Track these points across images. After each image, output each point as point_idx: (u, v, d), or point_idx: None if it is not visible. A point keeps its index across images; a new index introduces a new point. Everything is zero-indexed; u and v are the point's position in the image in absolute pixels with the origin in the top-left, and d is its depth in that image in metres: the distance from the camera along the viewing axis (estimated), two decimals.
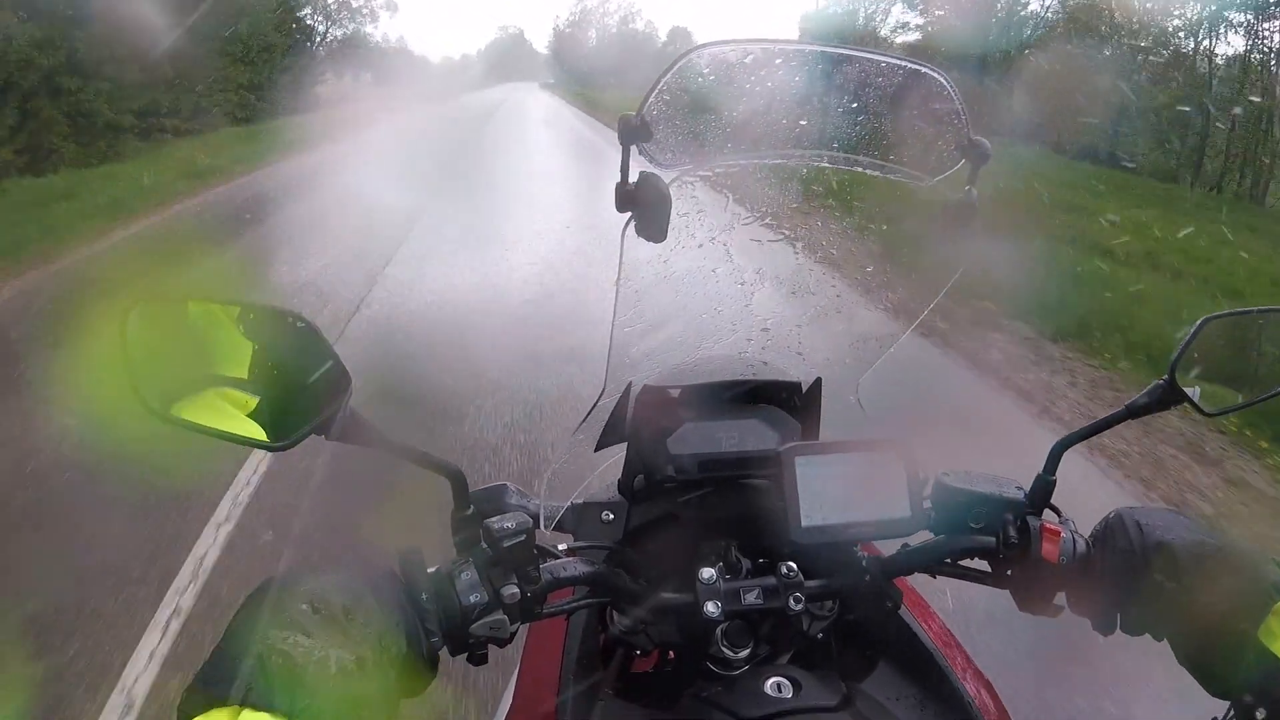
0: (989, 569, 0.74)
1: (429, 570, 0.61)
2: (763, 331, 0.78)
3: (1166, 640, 0.65)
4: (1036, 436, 3.35)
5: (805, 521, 0.68)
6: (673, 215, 0.62)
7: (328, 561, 0.56)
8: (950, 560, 0.75)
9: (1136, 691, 1.80)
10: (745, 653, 0.69)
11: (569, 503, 0.75)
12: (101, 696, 1.92)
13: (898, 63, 0.72)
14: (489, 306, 4.97)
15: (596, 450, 0.77)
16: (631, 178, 0.62)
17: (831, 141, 0.72)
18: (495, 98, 38.76)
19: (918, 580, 0.80)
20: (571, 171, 12.71)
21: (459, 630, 0.60)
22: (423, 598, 0.58)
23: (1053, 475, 0.73)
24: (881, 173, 0.73)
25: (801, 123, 0.72)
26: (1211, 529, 0.66)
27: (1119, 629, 0.67)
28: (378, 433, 0.57)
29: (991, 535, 0.73)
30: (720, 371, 0.77)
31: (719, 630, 0.68)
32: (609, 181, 0.62)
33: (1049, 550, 0.70)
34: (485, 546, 0.62)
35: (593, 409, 0.72)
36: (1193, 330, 0.70)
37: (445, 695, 1.78)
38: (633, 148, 0.62)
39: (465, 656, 0.62)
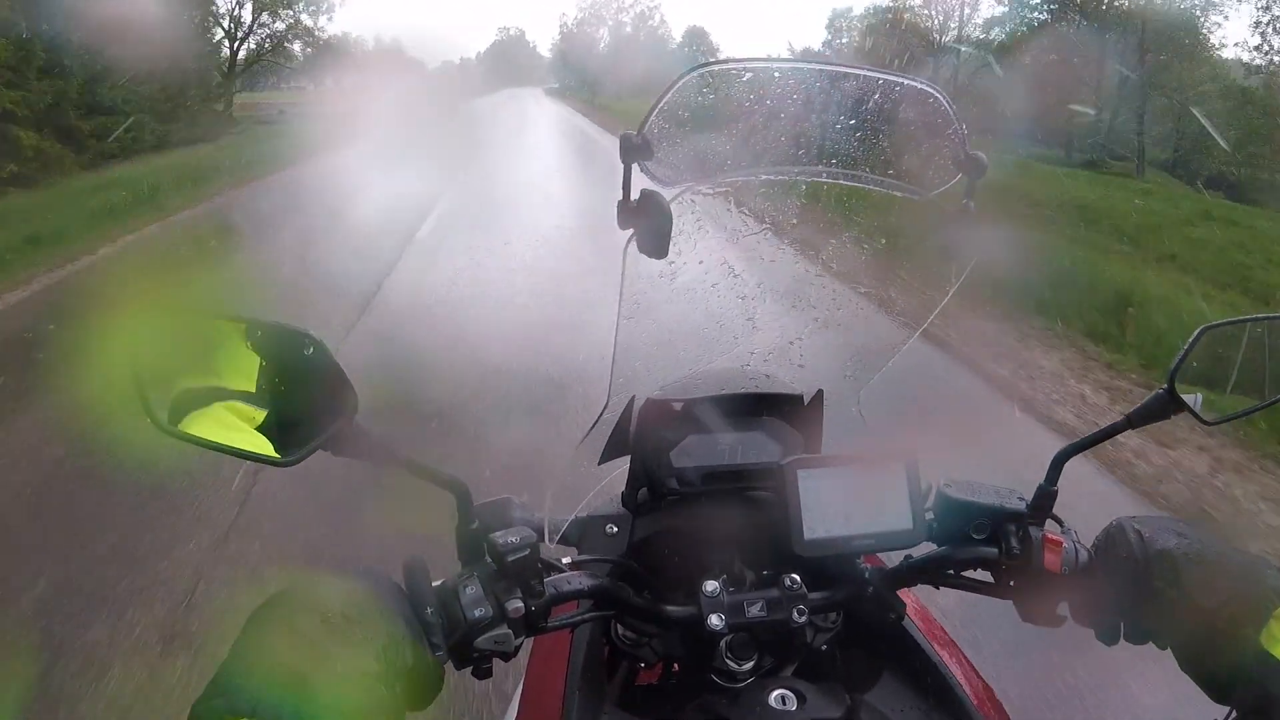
0: (991, 579, 0.74)
1: (434, 584, 0.61)
2: (764, 344, 0.79)
3: (1170, 649, 0.65)
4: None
5: (808, 534, 0.68)
6: (674, 231, 0.63)
7: (334, 574, 0.57)
8: (953, 571, 0.75)
9: (1138, 698, 1.79)
10: (749, 665, 0.69)
11: (573, 516, 0.75)
12: None
13: (894, 79, 0.73)
14: None
15: (600, 464, 0.77)
16: (633, 195, 0.63)
17: (830, 157, 0.74)
18: (492, 104, 36.11)
19: (920, 591, 0.80)
20: None
21: (464, 644, 0.60)
22: (428, 611, 0.58)
23: (1054, 485, 0.73)
24: (880, 188, 0.74)
25: (800, 139, 0.73)
26: (1212, 536, 0.66)
27: (1122, 639, 0.68)
28: (384, 448, 0.57)
29: (994, 546, 0.73)
30: (723, 384, 0.78)
31: (723, 643, 0.68)
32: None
33: (1051, 560, 0.70)
34: (490, 560, 0.63)
35: (596, 423, 0.72)
36: (1191, 340, 0.71)
37: (451, 709, 1.77)
38: (634, 165, 0.63)
39: (470, 670, 0.62)
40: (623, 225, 0.63)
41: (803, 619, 0.69)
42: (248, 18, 23.46)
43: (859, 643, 0.76)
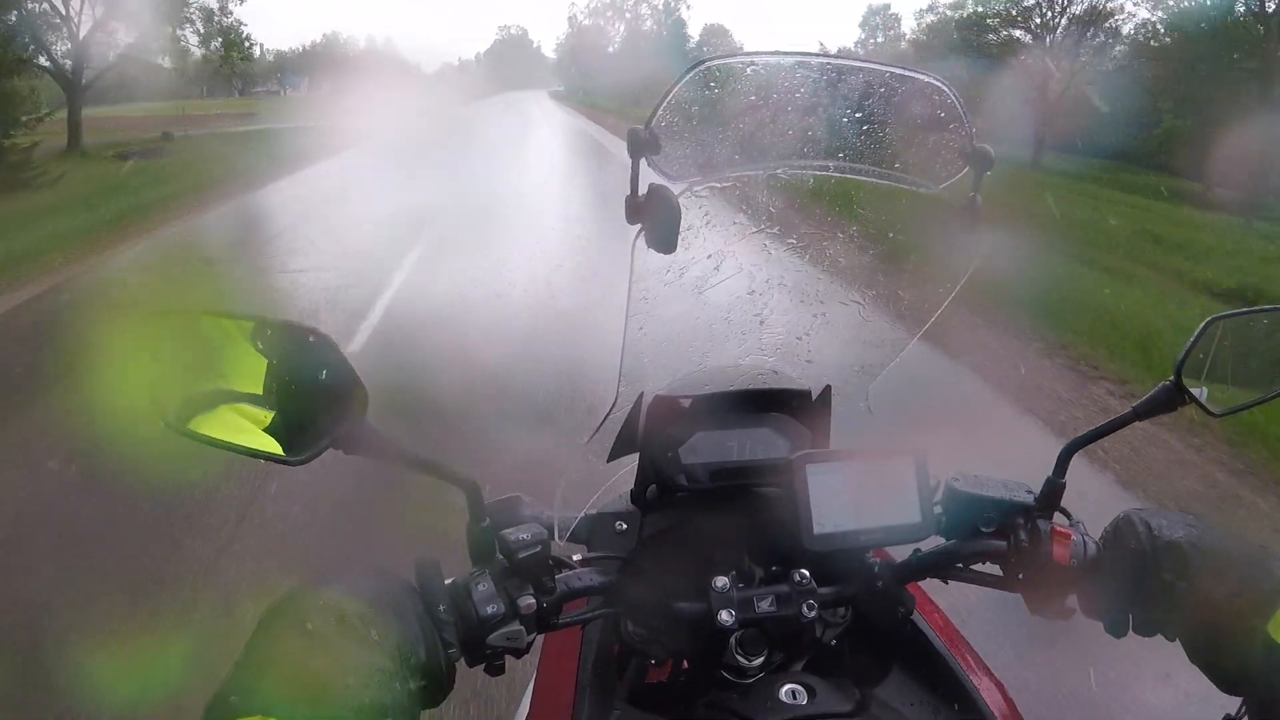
0: (1000, 573, 0.74)
1: (446, 582, 0.61)
2: (772, 340, 0.79)
3: (1179, 641, 0.65)
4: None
5: (817, 529, 0.68)
6: (681, 226, 0.63)
7: (347, 573, 0.57)
8: (961, 565, 0.75)
9: (1148, 689, 1.79)
10: (759, 660, 0.69)
11: (582, 514, 0.75)
12: None
13: (901, 72, 0.73)
14: None
15: (609, 461, 0.77)
16: (641, 190, 0.63)
17: (837, 151, 0.73)
18: (491, 111, 32.43)
19: (929, 584, 0.80)
20: None
21: (476, 641, 0.60)
22: (440, 609, 0.58)
23: (1062, 478, 0.73)
24: (887, 181, 0.74)
25: (808, 133, 0.72)
26: (1220, 528, 0.66)
27: (1131, 631, 0.68)
28: (394, 446, 0.57)
29: (1002, 539, 0.73)
30: (731, 381, 0.78)
31: (733, 638, 0.68)
32: None
33: (1060, 553, 0.70)
34: (501, 558, 0.63)
35: (604, 420, 0.72)
36: (1198, 331, 0.71)
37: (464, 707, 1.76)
38: (642, 160, 0.63)
39: (483, 667, 0.62)
40: (631, 220, 0.63)
41: (812, 614, 0.69)
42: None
43: (868, 637, 0.76)
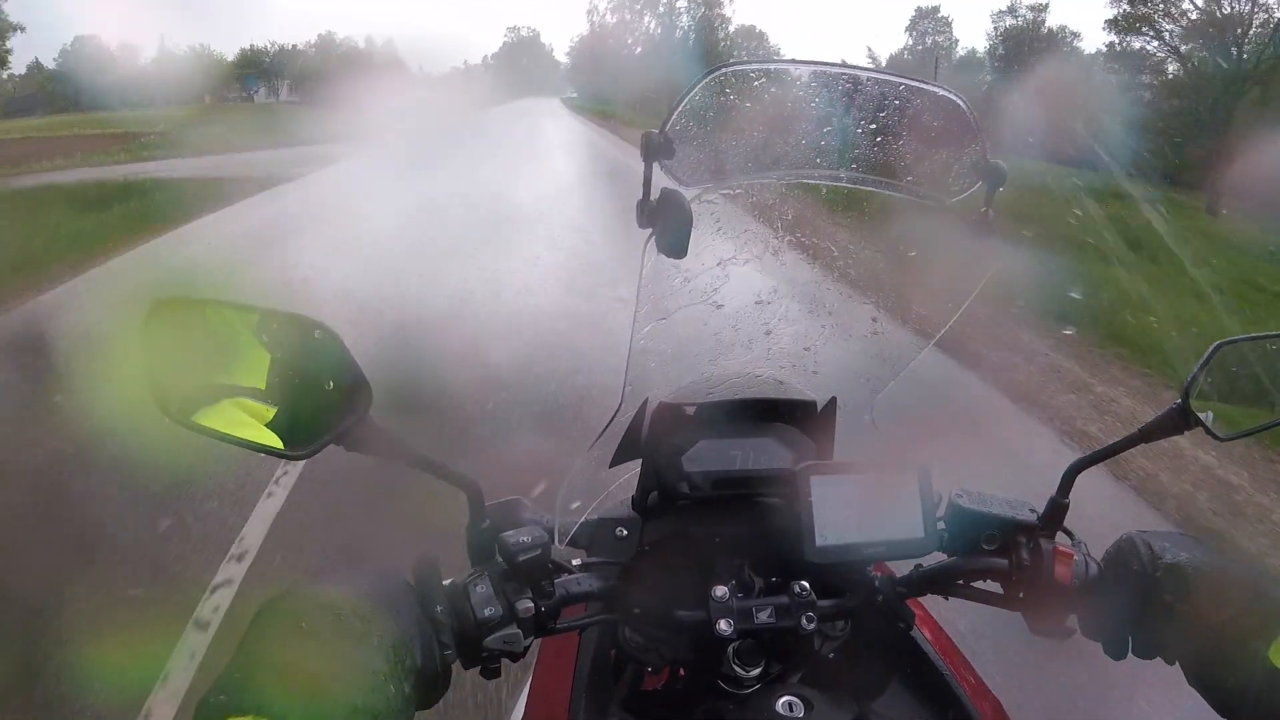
0: (1001, 590, 0.74)
1: (445, 582, 0.61)
2: (779, 350, 0.78)
3: (1178, 664, 0.65)
4: None
5: (819, 541, 0.68)
6: (692, 232, 0.63)
7: (343, 572, 0.56)
8: (963, 581, 0.75)
9: (1145, 712, 1.78)
10: (757, 671, 0.68)
11: (583, 518, 0.74)
12: None
13: (916, 84, 0.72)
14: None
15: (611, 466, 0.77)
16: (654, 194, 0.62)
17: (850, 161, 0.73)
18: (497, 122, 27.46)
19: (929, 600, 0.80)
20: None
21: (473, 643, 0.60)
22: (437, 610, 0.58)
23: (1065, 498, 0.73)
24: (899, 193, 0.73)
25: (821, 142, 0.72)
26: (1223, 551, 0.66)
27: (1131, 653, 0.67)
28: (397, 444, 0.57)
29: (1004, 557, 0.73)
30: (736, 389, 0.77)
31: (731, 648, 0.67)
32: None
33: (1062, 573, 0.70)
34: (500, 560, 0.62)
35: (609, 425, 0.72)
36: (1206, 355, 0.70)
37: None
38: (655, 165, 0.63)
39: (478, 670, 0.62)
40: (642, 224, 0.63)
41: (811, 626, 0.68)
42: None
43: (867, 651, 0.75)
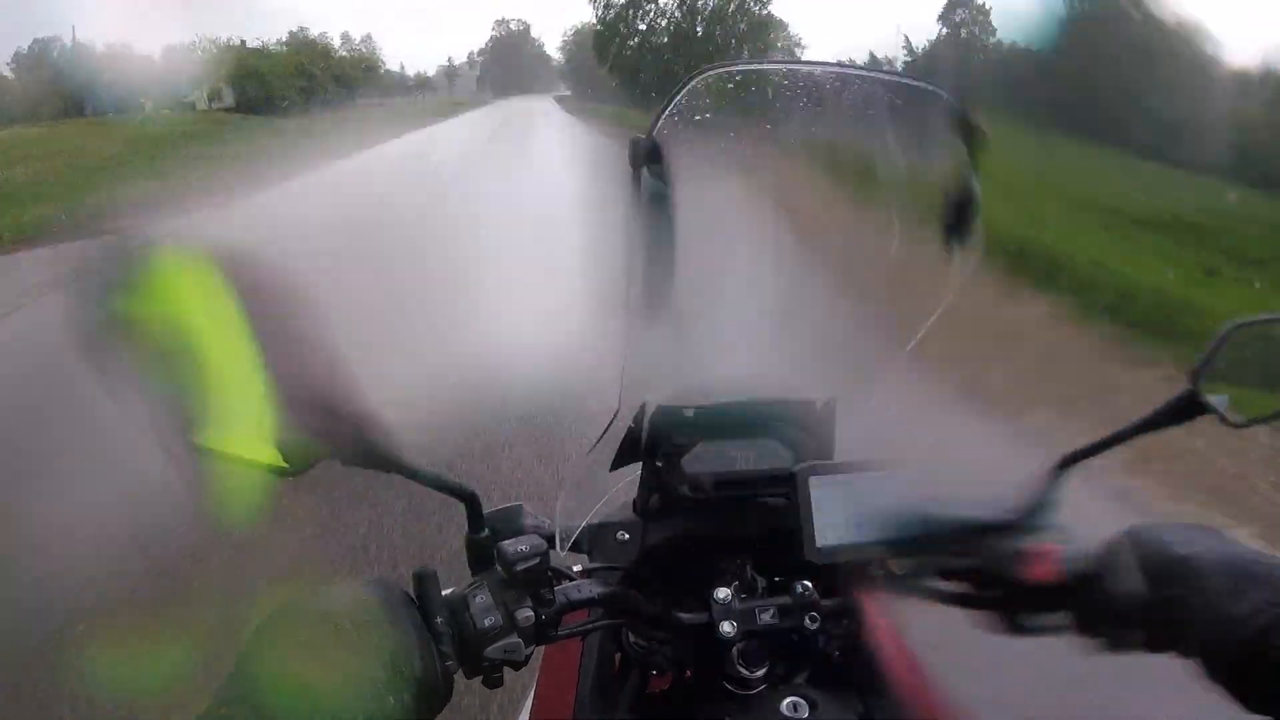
0: (999, 592, 0.73)
1: (444, 593, 0.61)
2: (777, 350, 0.78)
3: (1198, 658, 0.63)
4: None
5: (820, 541, 0.68)
6: (684, 236, 0.63)
7: (343, 583, 0.56)
8: (958, 582, 0.74)
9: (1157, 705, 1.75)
10: (761, 672, 0.68)
11: (584, 523, 0.75)
12: None
13: (901, 80, 0.73)
14: None
15: (611, 470, 0.77)
16: (642, 199, 0.62)
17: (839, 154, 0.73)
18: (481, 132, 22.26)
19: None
20: None
21: (474, 653, 0.60)
22: (437, 620, 0.58)
23: (1058, 493, 0.72)
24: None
25: (809, 137, 0.72)
26: (1234, 541, 0.64)
27: (1144, 648, 0.66)
28: (393, 455, 0.57)
29: (1001, 557, 0.72)
30: (735, 391, 0.77)
31: (734, 650, 0.67)
32: None
33: (1057, 571, 0.69)
34: (499, 569, 0.62)
35: (607, 429, 0.72)
36: (1218, 338, 0.68)
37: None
38: (644, 170, 0.63)
39: (480, 679, 0.62)
40: (629, 229, 0.63)
41: (814, 626, 0.68)
42: None
43: (870, 651, 0.75)
